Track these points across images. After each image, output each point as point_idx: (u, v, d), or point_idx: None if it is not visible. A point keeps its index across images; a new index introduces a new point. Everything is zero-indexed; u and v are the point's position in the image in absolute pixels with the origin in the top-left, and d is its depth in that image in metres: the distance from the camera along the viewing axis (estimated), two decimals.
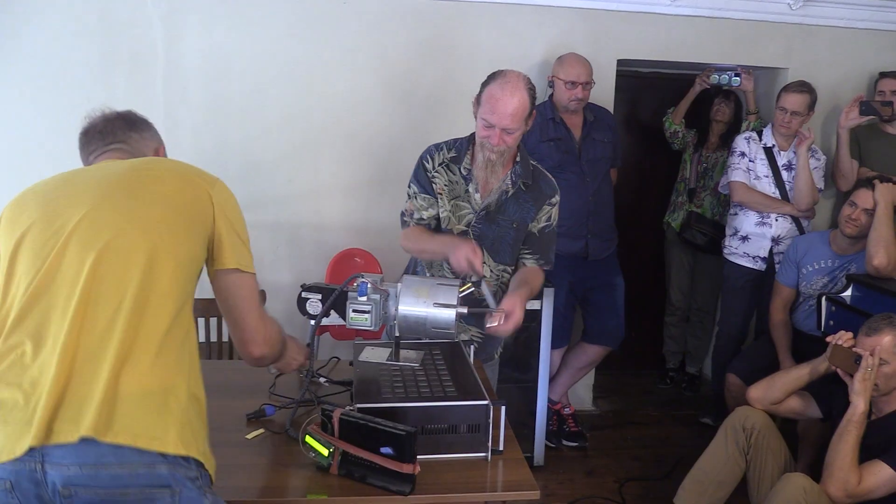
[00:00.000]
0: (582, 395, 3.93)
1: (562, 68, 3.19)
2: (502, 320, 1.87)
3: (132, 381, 1.21)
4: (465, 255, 1.92)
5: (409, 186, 2.22)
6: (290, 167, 3.36)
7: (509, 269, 2.24)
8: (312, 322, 1.82)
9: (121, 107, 1.62)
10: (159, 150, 1.63)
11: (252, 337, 1.46)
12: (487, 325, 1.87)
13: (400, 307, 1.76)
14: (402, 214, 2.23)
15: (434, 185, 2.17)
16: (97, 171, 1.41)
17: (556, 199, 2.22)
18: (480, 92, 2.06)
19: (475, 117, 2.09)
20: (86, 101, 3.02)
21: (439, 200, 2.17)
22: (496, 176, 2.12)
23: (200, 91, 3.25)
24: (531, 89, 2.05)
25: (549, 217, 2.21)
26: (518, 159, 2.17)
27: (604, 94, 3.54)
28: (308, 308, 1.83)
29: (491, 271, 2.21)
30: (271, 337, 1.50)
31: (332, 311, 1.81)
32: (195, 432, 1.28)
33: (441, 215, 2.18)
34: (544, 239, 2.21)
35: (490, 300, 1.94)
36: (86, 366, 1.21)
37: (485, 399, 1.64)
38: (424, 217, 2.19)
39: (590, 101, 3.31)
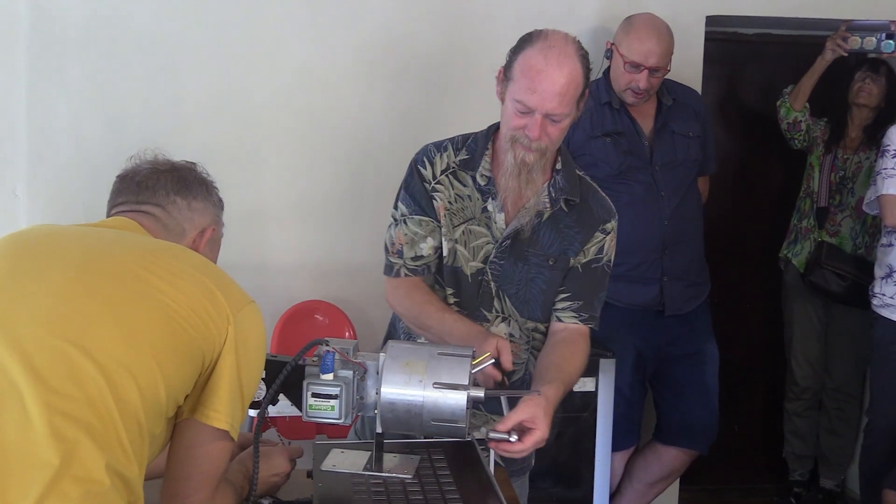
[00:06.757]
0: None
1: (626, 38, 3.20)
2: (513, 438, 1.85)
3: None
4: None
5: (396, 207, 2.25)
6: (217, 177, 3.37)
7: (542, 328, 2.26)
8: (253, 413, 1.83)
9: None
10: (206, 232, 1.76)
11: None
12: (489, 439, 1.86)
13: (383, 390, 1.76)
14: (387, 251, 2.25)
15: (435, 202, 2.20)
16: (93, 237, 1.53)
17: (613, 224, 2.25)
18: (511, 61, 2.09)
19: (500, 99, 2.13)
20: None
21: (442, 225, 2.20)
22: (532, 187, 2.15)
23: (81, 60, 3.29)
24: (584, 57, 2.08)
25: (602, 249, 2.23)
26: (559, 166, 2.20)
27: (688, 67, 3.57)
28: None
29: (520, 329, 2.24)
30: None
31: (281, 396, 1.82)
32: None
33: (444, 248, 2.20)
34: (590, 278, 2.22)
35: (506, 410, 1.95)
36: None
37: None
38: (423, 253, 2.21)
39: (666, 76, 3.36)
